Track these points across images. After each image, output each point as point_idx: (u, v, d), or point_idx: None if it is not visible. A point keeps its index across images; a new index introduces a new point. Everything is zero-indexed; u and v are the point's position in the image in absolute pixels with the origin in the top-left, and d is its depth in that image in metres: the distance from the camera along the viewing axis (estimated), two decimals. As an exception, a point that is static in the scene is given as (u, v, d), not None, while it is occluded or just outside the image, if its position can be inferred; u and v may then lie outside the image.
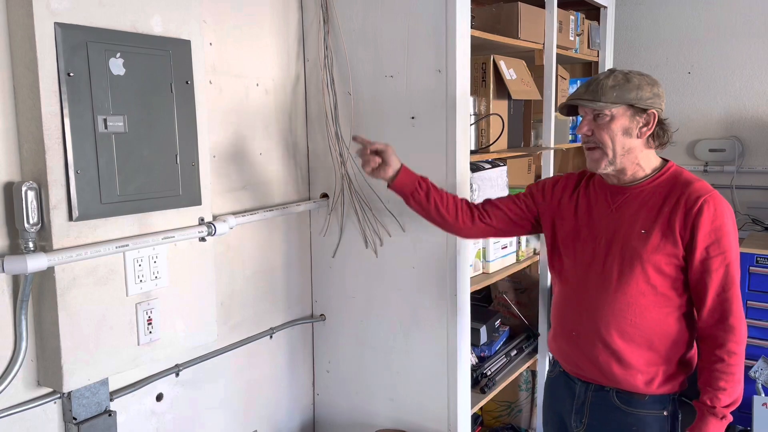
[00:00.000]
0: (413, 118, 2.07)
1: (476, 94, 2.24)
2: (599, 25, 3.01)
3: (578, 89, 1.72)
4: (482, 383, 2.35)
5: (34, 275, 1.46)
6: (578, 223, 1.81)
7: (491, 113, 2.26)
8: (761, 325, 2.97)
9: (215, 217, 1.89)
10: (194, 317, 1.81)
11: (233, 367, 2.14)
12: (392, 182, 1.83)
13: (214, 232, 1.80)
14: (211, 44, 1.94)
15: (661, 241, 1.65)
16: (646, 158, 1.71)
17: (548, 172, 2.64)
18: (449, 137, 2.01)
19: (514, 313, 2.74)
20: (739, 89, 3.47)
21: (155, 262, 1.68)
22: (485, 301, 2.88)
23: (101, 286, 1.57)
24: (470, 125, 2.14)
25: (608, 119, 1.65)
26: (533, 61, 2.54)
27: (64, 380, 1.52)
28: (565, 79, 2.77)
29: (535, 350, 2.69)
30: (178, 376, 1.93)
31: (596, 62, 3.05)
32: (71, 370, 1.53)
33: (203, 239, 1.80)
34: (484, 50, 2.27)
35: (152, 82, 1.63)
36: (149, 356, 1.70)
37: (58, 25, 1.43)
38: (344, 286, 2.33)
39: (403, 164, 1.84)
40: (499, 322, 2.60)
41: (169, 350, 1.76)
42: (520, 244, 2.57)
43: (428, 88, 2.03)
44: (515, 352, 2.61)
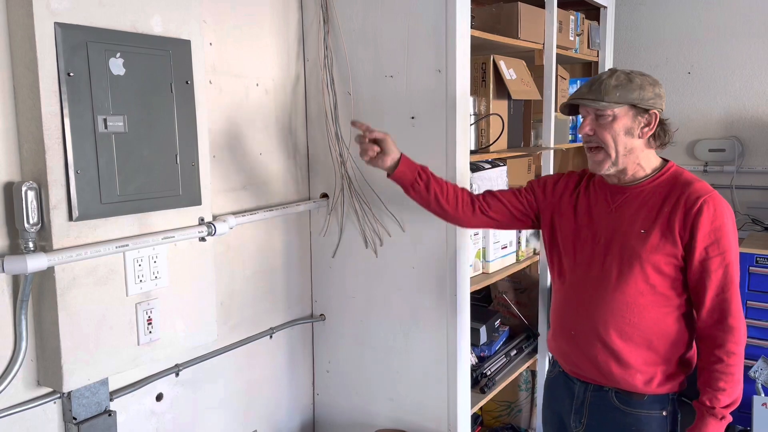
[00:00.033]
0: (413, 118, 2.07)
1: (476, 94, 2.24)
2: (599, 25, 3.01)
3: (580, 89, 1.72)
4: (482, 383, 2.35)
5: (34, 275, 1.46)
6: (578, 222, 1.81)
7: (491, 113, 2.26)
8: (761, 325, 2.97)
9: (215, 217, 1.90)
10: (194, 317, 1.81)
11: (233, 367, 2.14)
12: (392, 172, 1.82)
13: (214, 232, 1.80)
14: (211, 44, 1.94)
15: (660, 241, 1.65)
16: (646, 158, 1.72)
17: (548, 172, 2.64)
18: (449, 137, 2.01)
19: (513, 313, 2.74)
20: (739, 89, 3.46)
21: (155, 262, 1.68)
22: (485, 301, 2.88)
23: (101, 286, 1.57)
24: (470, 125, 2.14)
25: (610, 119, 1.65)
26: (533, 61, 2.54)
27: (64, 380, 1.52)
28: (564, 79, 2.77)
29: (534, 350, 2.69)
30: (178, 376, 1.93)
31: (596, 62, 3.05)
32: (71, 370, 1.53)
33: (203, 239, 1.80)
34: (484, 50, 2.27)
35: (152, 82, 1.63)
36: (149, 356, 1.70)
37: (58, 25, 1.43)
38: (344, 286, 2.33)
39: (402, 154, 1.82)
40: (498, 322, 2.60)
41: (169, 350, 1.76)
42: (519, 244, 2.57)
43: (428, 88, 2.03)
44: (515, 352, 2.61)
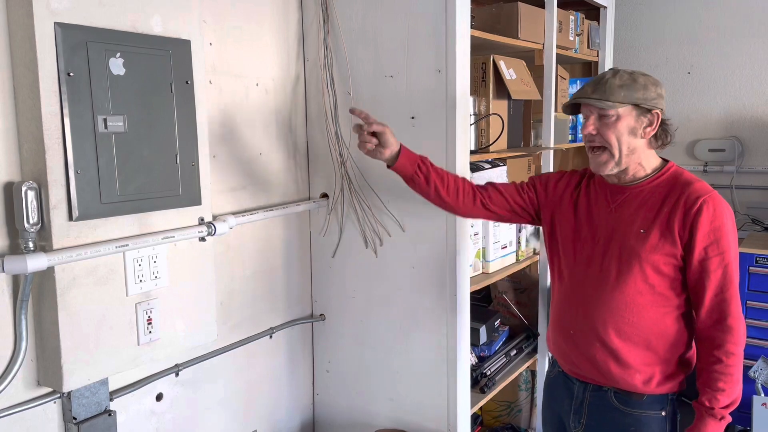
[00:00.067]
0: (413, 118, 2.07)
1: (476, 94, 2.24)
2: (599, 25, 3.01)
3: (584, 89, 1.70)
4: (482, 383, 2.35)
5: (34, 275, 1.46)
6: (578, 221, 1.81)
7: (491, 113, 2.26)
8: (761, 325, 2.97)
9: (215, 217, 1.90)
10: (194, 317, 1.81)
11: (233, 366, 2.14)
12: (392, 164, 1.80)
13: (214, 232, 1.80)
14: (211, 44, 1.94)
15: (659, 240, 1.65)
16: (647, 158, 1.72)
17: (548, 171, 2.64)
18: (449, 137, 2.01)
19: (513, 312, 2.74)
20: (738, 89, 3.46)
21: (155, 262, 1.68)
22: (485, 300, 2.89)
23: (101, 286, 1.57)
24: (470, 125, 2.14)
25: (614, 119, 1.65)
26: (533, 61, 2.54)
27: (64, 380, 1.52)
28: (564, 79, 2.77)
29: (534, 350, 2.69)
30: (177, 375, 1.93)
31: (596, 62, 3.05)
32: (71, 369, 1.53)
33: (203, 239, 1.80)
34: (484, 50, 2.27)
35: (152, 82, 1.63)
36: (149, 356, 1.70)
37: (58, 25, 1.43)
38: (344, 286, 2.33)
39: (402, 145, 1.79)
40: (498, 322, 2.60)
41: (168, 350, 1.76)
42: (519, 244, 2.57)
43: (428, 88, 2.03)
44: (515, 351, 2.61)
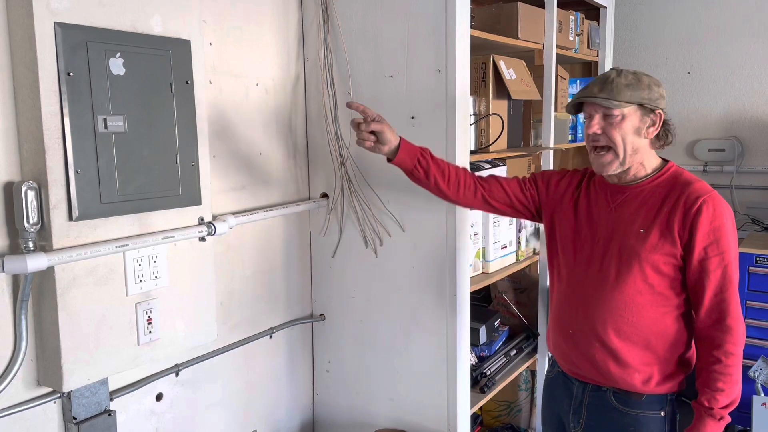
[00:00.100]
0: (413, 118, 2.07)
1: (476, 94, 2.24)
2: (599, 25, 3.01)
3: (590, 88, 1.69)
4: (482, 383, 2.35)
5: (34, 275, 1.46)
6: (578, 221, 1.81)
7: (491, 113, 2.26)
8: (761, 325, 2.97)
9: (215, 216, 1.90)
10: (194, 317, 1.81)
11: (233, 366, 2.14)
12: (392, 157, 1.80)
13: (213, 231, 1.80)
14: (211, 44, 1.94)
15: (659, 240, 1.65)
16: (648, 158, 1.72)
17: (548, 172, 2.64)
18: (449, 137, 2.01)
19: (513, 312, 2.74)
20: (738, 89, 3.47)
21: (155, 261, 1.68)
22: (485, 300, 2.89)
23: (101, 285, 1.58)
24: (470, 125, 2.14)
25: (620, 119, 1.65)
26: (533, 61, 2.54)
27: (63, 380, 1.52)
28: (564, 79, 2.77)
29: (534, 350, 2.69)
30: (177, 375, 1.93)
31: (596, 62, 3.05)
32: (71, 369, 1.53)
33: (203, 239, 1.80)
34: (483, 50, 2.27)
35: (152, 82, 1.63)
36: (149, 356, 1.70)
37: (58, 24, 1.43)
38: (344, 286, 2.33)
39: (402, 139, 1.79)
40: (498, 321, 2.60)
41: (168, 350, 1.76)
42: (519, 244, 2.57)
43: (428, 88, 2.03)
44: (515, 351, 2.61)
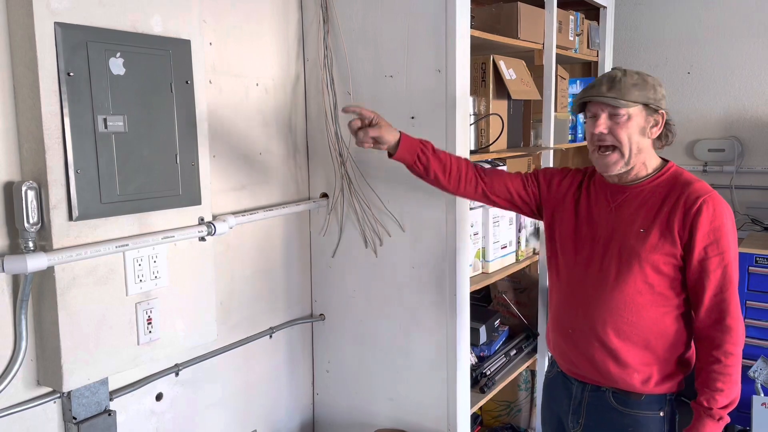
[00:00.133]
0: (413, 118, 2.07)
1: (476, 94, 2.24)
2: (599, 25, 3.01)
3: (598, 87, 1.67)
4: (482, 383, 2.35)
5: (34, 275, 1.46)
6: (578, 220, 1.81)
7: (491, 113, 2.26)
8: (760, 325, 2.98)
9: (215, 216, 1.90)
10: (194, 317, 1.81)
11: (233, 366, 2.14)
12: (394, 151, 1.79)
13: (213, 231, 1.80)
14: (211, 44, 1.94)
15: (659, 240, 1.65)
16: (650, 158, 1.72)
17: (548, 172, 2.64)
18: (449, 137, 2.01)
19: (513, 312, 2.74)
20: (738, 89, 3.47)
21: (155, 261, 1.68)
22: (485, 300, 2.89)
23: (101, 285, 1.58)
24: (470, 125, 2.14)
25: (626, 118, 1.64)
26: (533, 61, 2.54)
27: (63, 380, 1.52)
28: (564, 79, 2.77)
29: (534, 350, 2.69)
30: (177, 375, 1.93)
31: (596, 62, 3.05)
32: (71, 369, 1.53)
33: (203, 239, 1.80)
34: (483, 50, 2.27)
35: (152, 81, 1.63)
36: (149, 356, 1.70)
37: (58, 24, 1.43)
38: (344, 285, 2.33)
39: (402, 135, 1.78)
40: (498, 321, 2.61)
41: (168, 350, 1.76)
42: (519, 244, 2.57)
43: (428, 88, 2.03)
44: (514, 351, 2.61)
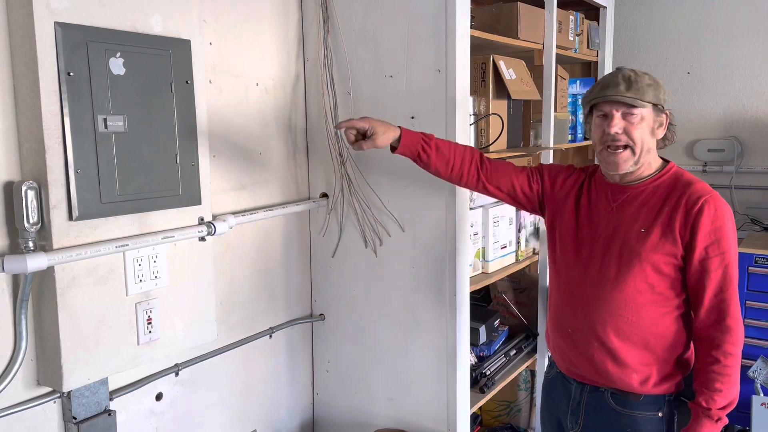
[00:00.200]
0: (413, 118, 2.07)
1: (476, 94, 2.24)
2: (599, 25, 3.01)
3: (615, 87, 1.65)
4: (481, 383, 2.35)
5: (34, 275, 1.46)
6: (578, 220, 1.81)
7: (491, 113, 2.26)
8: (760, 325, 2.97)
9: (215, 216, 1.90)
10: (194, 317, 1.81)
11: (232, 366, 2.14)
12: (397, 145, 1.79)
13: (213, 231, 1.80)
14: (210, 44, 1.94)
15: (660, 240, 1.65)
16: (654, 158, 1.73)
17: (548, 172, 2.64)
18: (449, 137, 2.01)
19: (513, 312, 2.74)
20: (738, 89, 3.47)
21: (155, 261, 1.68)
22: (484, 300, 2.89)
23: (101, 285, 1.58)
24: (470, 125, 2.14)
25: (639, 118, 1.65)
26: (533, 61, 2.54)
27: (63, 380, 1.52)
28: (564, 79, 2.77)
29: (534, 350, 2.69)
30: (177, 375, 1.93)
31: (596, 62, 3.05)
32: (71, 369, 1.53)
33: (203, 239, 1.80)
34: (483, 50, 2.27)
35: (152, 81, 1.63)
36: (149, 356, 1.70)
37: (58, 24, 1.43)
38: (344, 285, 2.33)
39: (403, 131, 1.78)
40: (498, 321, 2.61)
41: (168, 350, 1.76)
42: (519, 244, 2.57)
43: (428, 88, 2.03)
44: (514, 351, 2.61)
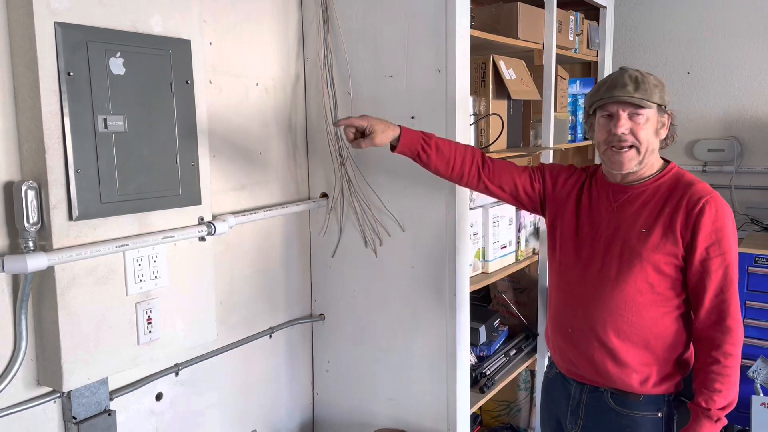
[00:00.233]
0: (413, 118, 2.07)
1: (476, 94, 2.24)
2: (598, 25, 3.01)
3: (623, 87, 1.64)
4: (481, 383, 2.35)
5: (34, 275, 1.46)
6: (579, 219, 1.81)
7: (491, 113, 2.26)
8: (760, 325, 2.98)
9: (215, 216, 1.90)
10: (194, 317, 1.81)
11: (232, 366, 2.14)
12: (396, 143, 1.78)
13: (213, 231, 1.80)
14: (210, 44, 1.94)
15: (661, 240, 1.66)
16: (655, 158, 1.73)
17: (547, 172, 2.64)
18: (449, 137, 2.00)
19: (513, 312, 2.74)
20: (738, 89, 3.47)
21: (155, 261, 1.68)
22: (484, 300, 2.89)
23: (101, 285, 1.58)
24: (470, 125, 2.14)
25: (645, 119, 1.65)
26: (533, 61, 2.54)
27: (63, 380, 1.52)
28: (564, 79, 2.77)
29: (534, 350, 2.69)
30: (177, 375, 1.93)
31: (595, 62, 3.05)
32: (71, 369, 1.53)
33: (203, 239, 1.80)
34: (483, 50, 2.27)
35: (152, 81, 1.63)
36: (149, 356, 1.70)
37: (58, 24, 1.43)
38: (343, 285, 2.33)
39: (403, 129, 1.77)
40: (498, 321, 2.61)
41: (168, 350, 1.76)
42: (519, 244, 2.57)
43: (428, 88, 2.03)
44: (514, 351, 2.61)
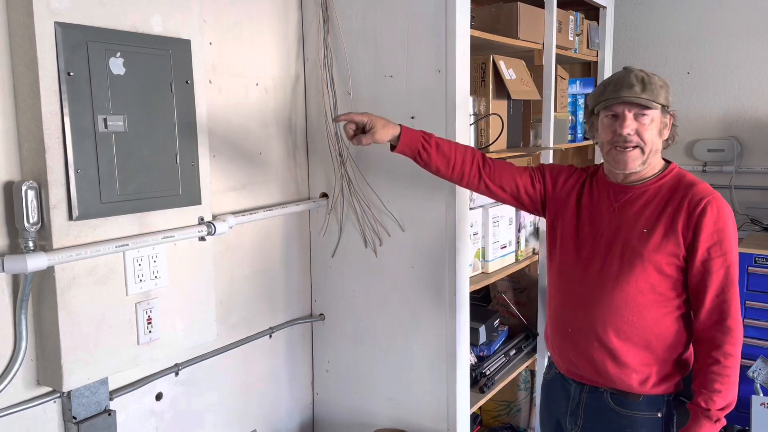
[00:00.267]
0: (413, 118, 2.07)
1: (476, 94, 2.24)
2: (598, 25, 3.01)
3: (630, 88, 1.64)
4: (481, 383, 2.35)
5: (33, 275, 1.46)
6: (580, 219, 1.81)
7: (491, 113, 2.26)
8: (760, 325, 2.97)
9: (215, 216, 1.90)
10: (194, 317, 1.82)
11: (232, 366, 2.14)
12: (396, 142, 1.78)
13: (213, 231, 1.80)
14: (210, 44, 1.94)
15: (662, 240, 1.66)
16: (657, 159, 1.74)
17: (547, 172, 2.64)
18: (449, 137, 2.00)
19: (513, 312, 2.74)
20: (738, 89, 3.47)
21: (155, 261, 1.68)
22: (484, 300, 2.89)
23: (101, 285, 1.58)
24: (470, 125, 2.14)
25: (650, 120, 1.65)
26: (533, 61, 2.54)
27: (63, 379, 1.52)
28: (564, 79, 2.77)
29: (533, 350, 2.69)
30: (177, 375, 1.93)
31: (595, 62, 3.05)
32: (71, 369, 1.53)
33: (203, 239, 1.80)
34: (483, 50, 2.27)
35: (152, 81, 1.63)
36: (149, 355, 1.71)
37: (58, 24, 1.43)
38: (343, 285, 2.33)
39: (403, 129, 1.77)
40: (498, 321, 2.61)
41: (168, 349, 1.76)
42: (519, 243, 2.57)
43: (428, 87, 2.03)
44: (514, 351, 2.61)
